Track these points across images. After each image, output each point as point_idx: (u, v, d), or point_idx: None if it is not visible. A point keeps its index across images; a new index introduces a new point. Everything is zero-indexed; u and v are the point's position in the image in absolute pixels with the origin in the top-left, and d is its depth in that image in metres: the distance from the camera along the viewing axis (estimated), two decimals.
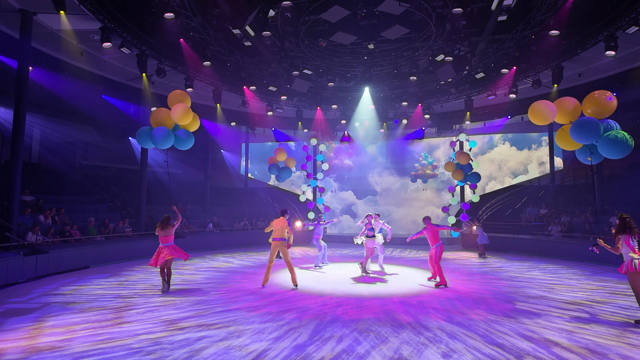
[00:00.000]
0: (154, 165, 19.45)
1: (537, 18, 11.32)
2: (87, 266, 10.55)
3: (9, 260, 8.27)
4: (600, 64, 13.05)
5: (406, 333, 5.42)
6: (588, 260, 11.95)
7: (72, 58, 12.74)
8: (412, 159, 22.81)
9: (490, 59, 13.95)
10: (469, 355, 4.68)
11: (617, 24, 10.55)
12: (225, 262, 12.04)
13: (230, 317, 6.13)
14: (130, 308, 6.61)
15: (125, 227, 13.06)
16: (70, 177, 15.98)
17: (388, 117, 19.01)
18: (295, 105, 18.12)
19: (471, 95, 16.26)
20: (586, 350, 4.83)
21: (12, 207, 9.71)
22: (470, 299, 7.36)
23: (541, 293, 7.90)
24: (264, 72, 15.50)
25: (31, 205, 11.48)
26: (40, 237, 9.95)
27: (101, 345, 4.90)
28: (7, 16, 10.04)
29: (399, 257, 13.56)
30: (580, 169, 19.41)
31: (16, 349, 4.75)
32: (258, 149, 23.93)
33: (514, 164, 21.79)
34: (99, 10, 10.22)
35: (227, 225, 17.02)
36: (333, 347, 4.91)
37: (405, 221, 22.40)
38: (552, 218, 15.23)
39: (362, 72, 15.44)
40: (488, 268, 11.09)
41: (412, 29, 12.51)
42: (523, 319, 6.11)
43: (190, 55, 12.94)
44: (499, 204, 19.33)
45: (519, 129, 20.06)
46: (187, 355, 4.60)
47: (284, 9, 11.09)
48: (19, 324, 5.69)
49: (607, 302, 7.13)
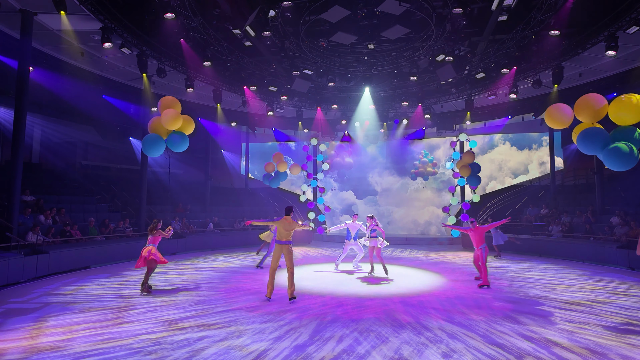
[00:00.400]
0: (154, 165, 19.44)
1: (538, 18, 11.32)
2: (88, 266, 10.56)
3: (9, 260, 8.27)
4: (601, 63, 13.05)
5: (406, 333, 5.42)
6: (588, 260, 11.94)
7: (72, 58, 12.75)
8: (412, 159, 22.82)
9: (490, 59, 13.95)
10: (469, 355, 4.68)
11: (617, 23, 10.54)
12: (226, 262, 12.05)
13: (231, 317, 6.13)
14: (131, 308, 6.61)
15: (125, 227, 13.07)
16: (71, 177, 15.99)
17: (388, 117, 19.00)
18: (295, 105, 18.13)
19: (471, 95, 16.26)
20: (586, 350, 4.83)
21: (12, 207, 9.72)
22: (470, 299, 7.36)
23: (541, 293, 7.90)
24: (264, 72, 15.50)
25: (32, 205, 11.48)
26: (41, 237, 9.95)
27: (102, 345, 4.91)
28: (7, 16, 10.05)
29: (399, 257, 13.56)
30: (580, 169, 19.40)
31: (17, 349, 4.76)
32: (258, 148, 23.95)
33: (515, 164, 21.80)
34: (99, 10, 10.23)
35: (228, 226, 17.02)
36: (333, 347, 4.91)
37: (405, 221, 22.40)
38: (553, 218, 15.22)
39: (363, 72, 15.44)
40: (488, 268, 11.08)
41: (413, 29, 12.52)
42: (523, 319, 6.11)
43: (190, 56, 12.95)
44: (500, 204, 19.31)
45: (519, 129, 20.08)
46: (188, 355, 4.61)
47: (284, 9, 11.09)
48: (19, 324, 5.70)
49: (607, 302, 7.13)
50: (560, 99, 15.37)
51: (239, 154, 23.87)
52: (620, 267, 10.90)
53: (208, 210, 18.00)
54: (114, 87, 14.90)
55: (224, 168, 23.12)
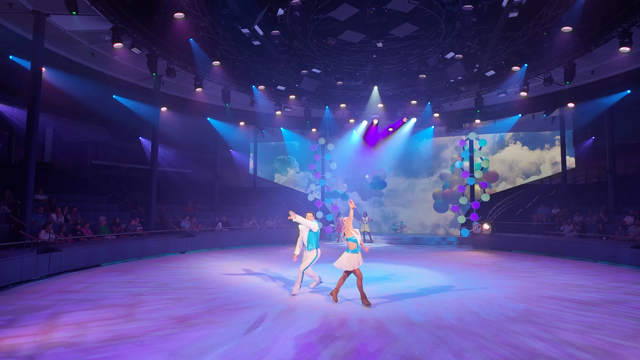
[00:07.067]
0: (164, 164, 19.63)
1: (549, 14, 11.16)
2: (99, 264, 10.68)
3: (23, 258, 8.40)
4: (614, 60, 12.82)
5: (417, 332, 5.38)
6: (601, 260, 11.74)
7: (83, 59, 12.92)
8: (419, 158, 22.55)
9: (500, 56, 13.79)
10: (481, 354, 4.62)
11: (631, 19, 10.34)
12: (235, 260, 12.09)
13: (240, 315, 6.14)
14: (142, 305, 6.66)
15: (136, 226, 13.20)
16: (82, 176, 16.22)
17: (397, 116, 18.90)
18: (303, 105, 18.12)
19: (481, 93, 16.09)
20: (601, 350, 4.74)
21: (26, 205, 9.87)
22: (481, 298, 7.28)
23: (554, 293, 7.78)
24: (272, 72, 15.52)
25: (44, 204, 11.65)
26: (53, 235, 10.09)
27: (113, 341, 4.95)
28: (20, 18, 10.20)
29: (407, 257, 13.49)
30: (592, 168, 19.12)
31: (30, 345, 4.82)
32: (265, 147, 24.01)
33: (526, 164, 21.43)
34: (110, 11, 10.34)
35: (236, 224, 17.11)
36: (343, 345, 4.89)
37: (412, 223, 22.21)
38: (565, 217, 15.01)
39: (371, 71, 15.37)
40: (499, 267, 10.97)
41: (422, 27, 12.42)
42: (535, 318, 6.02)
43: (199, 55, 13.02)
44: (510, 203, 19.10)
45: (531, 127, 19.75)
46: (198, 352, 4.62)
47: (292, 7, 11.09)
48: (33, 321, 5.78)
49: (621, 303, 7.00)
50: (572, 97, 15.19)
51: (247, 153, 23.96)
52: (634, 267, 10.69)
53: (217, 209, 18.09)
54: (124, 87, 15.07)
55: (232, 167, 23.23)
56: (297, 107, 18.20)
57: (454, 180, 20.50)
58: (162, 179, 17.35)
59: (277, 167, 25.02)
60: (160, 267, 10.61)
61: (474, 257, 13.24)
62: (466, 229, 17.51)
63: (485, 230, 15.90)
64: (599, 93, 14.69)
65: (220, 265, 11.21)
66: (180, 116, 17.58)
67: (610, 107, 15.16)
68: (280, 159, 24.93)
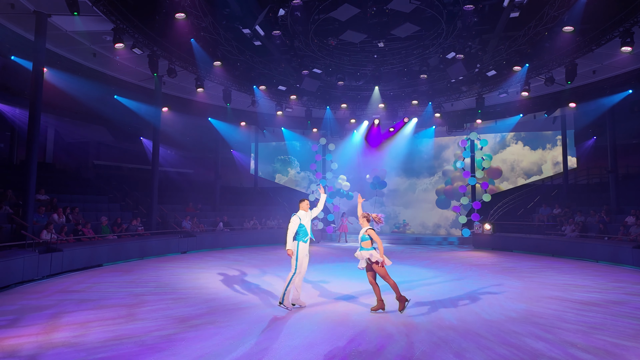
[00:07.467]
0: (165, 164, 19.65)
1: (551, 14, 11.15)
2: (100, 264, 10.70)
3: (25, 258, 8.42)
4: (616, 60, 12.80)
5: (418, 332, 5.37)
6: (603, 261, 11.71)
7: (85, 59, 12.95)
8: (420, 158, 22.54)
9: (502, 56, 13.78)
10: (482, 354, 4.62)
11: (633, 19, 10.32)
12: (236, 260, 12.09)
13: (241, 315, 6.15)
14: (143, 305, 6.67)
15: (137, 226, 13.22)
16: (84, 176, 16.25)
17: (398, 116, 18.89)
18: (304, 105, 18.12)
19: (482, 93, 16.08)
20: (603, 351, 4.73)
21: (27, 205, 9.90)
22: (482, 299, 7.27)
23: (555, 293, 7.77)
24: (273, 72, 15.53)
25: (46, 204, 11.67)
26: (55, 235, 10.11)
27: (115, 341, 4.96)
28: (22, 18, 10.23)
29: (409, 257, 13.48)
30: (594, 168, 19.07)
31: (32, 344, 4.83)
32: (266, 147, 24.01)
33: (527, 164, 21.41)
34: (111, 11, 10.36)
35: (237, 225, 17.12)
36: (344, 345, 4.89)
37: (413, 223, 22.21)
38: (566, 218, 14.99)
39: (372, 71, 15.38)
40: (501, 267, 10.96)
41: (423, 27, 12.42)
42: (537, 319, 6.01)
43: (200, 55, 13.04)
44: (511, 204, 19.07)
45: (532, 127, 19.73)
46: (199, 352, 4.63)
47: (294, 7, 11.09)
48: (34, 321, 5.79)
49: (623, 303, 6.98)
50: (573, 97, 15.16)
51: (248, 153, 23.97)
52: (636, 268, 10.66)
53: (218, 209, 18.11)
54: (125, 88, 15.10)
55: (233, 167, 23.25)
56: (298, 107, 18.21)
57: (456, 177, 20.49)
58: (164, 179, 17.37)
59: (278, 167, 25.05)
60: (162, 267, 10.62)
61: (475, 257, 13.22)
62: (467, 229, 17.49)
63: (487, 230, 15.89)
64: (601, 93, 14.66)
65: (221, 265, 11.22)
66: (182, 116, 17.61)
67: (612, 107, 15.13)
68: (281, 159, 24.96)
